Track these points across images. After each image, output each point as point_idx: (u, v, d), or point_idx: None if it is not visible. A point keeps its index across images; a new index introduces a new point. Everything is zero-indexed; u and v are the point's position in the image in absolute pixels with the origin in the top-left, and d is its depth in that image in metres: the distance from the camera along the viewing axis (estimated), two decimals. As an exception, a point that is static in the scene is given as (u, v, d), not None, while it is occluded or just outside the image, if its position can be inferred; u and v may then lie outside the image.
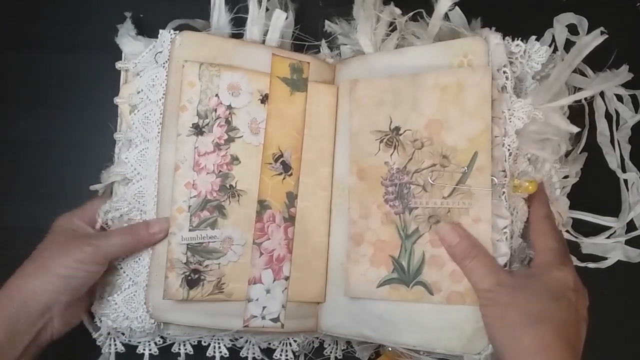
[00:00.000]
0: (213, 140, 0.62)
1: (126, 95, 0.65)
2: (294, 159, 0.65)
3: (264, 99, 0.64)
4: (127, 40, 0.66)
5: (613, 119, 0.75)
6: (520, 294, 0.52)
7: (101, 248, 0.59)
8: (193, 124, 0.62)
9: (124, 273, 0.63)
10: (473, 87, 0.57)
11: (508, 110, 0.57)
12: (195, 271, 0.62)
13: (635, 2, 0.77)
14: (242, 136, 0.63)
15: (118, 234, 0.61)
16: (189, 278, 0.62)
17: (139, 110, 0.63)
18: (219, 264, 0.62)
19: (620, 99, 0.74)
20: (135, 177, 0.63)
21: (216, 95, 0.62)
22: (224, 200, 0.63)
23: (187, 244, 0.62)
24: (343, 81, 0.66)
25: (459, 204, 0.57)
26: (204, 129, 0.62)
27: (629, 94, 0.74)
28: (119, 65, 0.66)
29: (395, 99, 0.61)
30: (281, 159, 0.65)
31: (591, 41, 0.58)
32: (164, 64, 0.63)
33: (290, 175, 0.65)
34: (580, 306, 0.53)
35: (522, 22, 0.65)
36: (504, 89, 0.57)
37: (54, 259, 0.58)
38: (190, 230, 0.62)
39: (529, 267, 0.57)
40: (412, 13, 0.65)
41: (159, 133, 0.62)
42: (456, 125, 0.58)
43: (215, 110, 0.62)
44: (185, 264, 0.61)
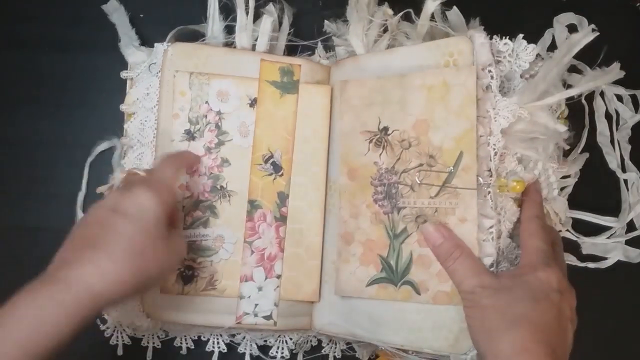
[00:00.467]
0: (204, 145, 0.64)
1: (131, 102, 0.66)
2: (285, 159, 0.64)
3: (253, 103, 0.64)
4: (132, 51, 0.67)
5: (613, 119, 0.73)
6: (501, 296, 0.49)
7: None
8: (185, 130, 0.64)
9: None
10: (458, 87, 0.55)
11: (493, 109, 0.55)
12: (189, 268, 0.63)
13: (635, 2, 0.74)
14: (232, 139, 0.64)
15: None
16: (184, 274, 0.62)
17: (135, 118, 0.65)
18: (211, 261, 0.63)
19: (620, 99, 0.72)
20: None
21: (206, 102, 0.64)
22: (216, 201, 0.63)
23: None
24: (335, 82, 0.65)
25: (445, 203, 0.55)
26: (195, 135, 0.64)
27: (629, 94, 0.72)
28: (124, 75, 0.68)
29: (384, 99, 0.60)
30: (271, 160, 0.64)
31: (581, 39, 0.55)
32: (157, 73, 0.64)
33: (281, 175, 0.64)
34: (565, 307, 0.50)
35: (522, 22, 0.63)
36: (489, 88, 0.55)
37: (157, 262, 0.50)
38: (184, 228, 0.62)
39: (515, 268, 0.54)
40: (401, 14, 0.63)
41: (154, 138, 0.64)
42: (442, 125, 0.56)
43: (206, 116, 0.64)
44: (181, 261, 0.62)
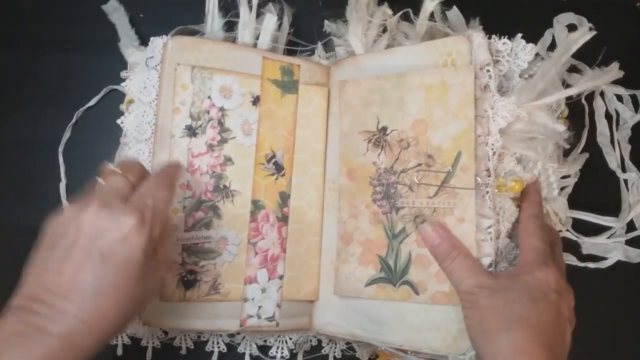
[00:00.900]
0: (206, 142, 0.61)
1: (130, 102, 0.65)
2: (286, 159, 0.63)
3: (256, 101, 0.62)
4: (131, 50, 0.66)
5: (613, 119, 0.72)
6: (499, 297, 0.48)
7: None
8: (186, 126, 0.61)
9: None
10: (456, 87, 0.54)
11: (491, 109, 0.53)
12: (192, 272, 0.60)
13: (635, 2, 0.73)
14: (235, 137, 0.62)
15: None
16: (185, 279, 0.60)
17: (130, 113, 0.63)
18: (215, 264, 0.60)
19: (620, 99, 0.71)
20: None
21: (208, 97, 0.61)
22: (218, 201, 0.61)
23: (183, 245, 0.60)
24: (334, 82, 0.64)
25: (443, 203, 0.54)
26: (197, 131, 0.61)
27: (629, 94, 0.71)
28: (124, 74, 0.66)
29: (383, 99, 0.59)
30: (273, 160, 0.63)
31: (579, 38, 0.54)
32: (155, 66, 0.62)
33: (283, 175, 0.63)
34: (564, 307, 0.49)
35: (522, 22, 0.62)
36: (487, 88, 0.54)
37: (141, 301, 0.47)
38: (185, 231, 0.60)
39: (513, 268, 0.53)
40: (400, 13, 0.62)
41: (152, 134, 0.61)
42: (441, 125, 0.55)
43: (208, 112, 0.61)
44: (181, 264, 0.59)
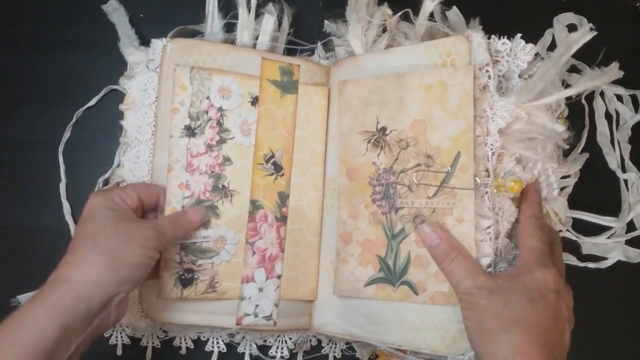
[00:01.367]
0: (205, 142, 0.61)
1: (130, 102, 0.65)
2: (285, 159, 0.63)
3: (255, 101, 0.62)
4: (131, 50, 0.66)
5: (613, 119, 0.72)
6: (498, 297, 0.48)
7: (162, 233, 0.54)
8: (185, 126, 0.60)
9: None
10: (456, 87, 0.53)
11: (490, 109, 0.53)
12: (189, 270, 0.60)
13: (635, 2, 0.72)
14: (234, 137, 0.62)
15: (166, 221, 0.57)
16: (183, 277, 0.60)
17: (132, 113, 0.63)
18: (212, 263, 0.60)
19: (620, 99, 0.71)
20: (131, 180, 0.62)
21: (207, 97, 0.61)
22: (217, 201, 0.61)
23: (181, 244, 0.60)
24: (334, 82, 0.64)
25: (443, 204, 0.54)
26: (196, 131, 0.61)
27: (629, 94, 0.71)
28: (126, 74, 0.66)
29: (382, 99, 0.58)
30: (272, 160, 0.62)
31: (579, 38, 0.54)
32: (155, 69, 0.62)
33: (282, 175, 0.63)
34: (562, 307, 0.49)
35: (522, 22, 0.61)
36: (486, 88, 0.53)
37: (118, 246, 0.50)
38: None
39: (512, 268, 0.53)
40: (400, 13, 0.62)
41: (152, 135, 0.62)
42: (440, 125, 0.54)
43: (207, 112, 0.61)
44: (179, 263, 0.60)
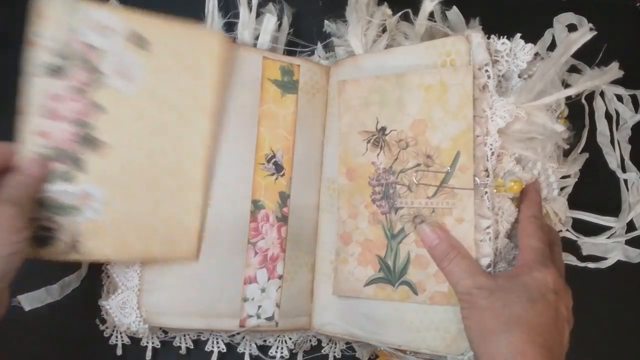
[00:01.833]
0: (71, 84, 0.51)
1: None
2: (286, 159, 0.63)
3: (137, 41, 0.53)
4: None
5: (613, 119, 0.72)
6: (497, 297, 0.48)
7: (22, 205, 0.47)
8: (46, 64, 0.51)
9: (116, 278, 0.60)
10: (455, 87, 0.53)
11: (490, 109, 0.53)
12: (44, 228, 0.51)
13: (636, 2, 0.72)
14: (108, 82, 0.53)
15: (16, 189, 0.49)
16: (38, 235, 0.51)
17: None
18: (74, 221, 0.52)
19: (620, 99, 0.71)
20: None
21: (76, 31, 0.51)
22: (83, 152, 0.52)
23: (36, 198, 0.51)
24: (334, 82, 0.64)
25: (442, 204, 0.54)
26: (59, 71, 0.51)
27: (629, 94, 0.71)
28: None
29: (382, 99, 0.58)
30: (273, 160, 0.62)
31: (579, 38, 0.54)
32: None
33: (283, 175, 0.62)
34: (562, 307, 0.48)
35: (522, 22, 0.61)
36: (485, 88, 0.53)
37: None
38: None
39: (512, 268, 0.53)
40: (400, 14, 0.62)
41: None
42: (439, 125, 0.54)
43: (76, 49, 0.51)
44: (33, 219, 0.51)
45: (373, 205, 0.58)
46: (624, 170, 0.70)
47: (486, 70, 0.53)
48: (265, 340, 0.66)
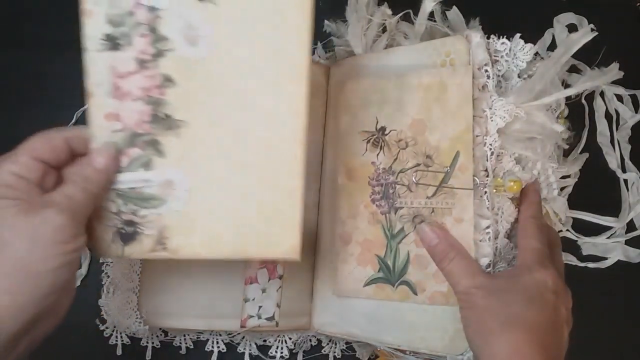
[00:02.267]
0: (135, 56, 0.45)
1: None
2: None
3: None
4: None
5: (613, 119, 0.72)
6: (496, 297, 0.48)
7: (75, 210, 0.42)
8: (105, 35, 0.44)
9: (116, 279, 0.60)
10: (455, 87, 0.53)
11: (489, 109, 0.53)
12: (130, 223, 0.47)
13: (635, 2, 0.72)
14: (174, 49, 0.45)
15: (74, 188, 0.43)
16: (123, 232, 0.47)
17: None
18: (160, 213, 0.47)
19: (620, 99, 0.71)
20: None
21: None
22: (159, 134, 0.46)
23: (117, 190, 0.46)
24: (334, 82, 0.63)
25: (442, 204, 0.54)
26: (120, 41, 0.45)
27: (629, 94, 0.71)
28: None
29: (381, 99, 0.58)
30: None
31: (579, 38, 0.54)
32: None
33: None
34: (561, 308, 0.48)
35: (522, 22, 0.61)
36: (485, 88, 0.53)
37: (25, 254, 0.39)
38: (118, 172, 0.46)
39: (511, 268, 0.53)
40: (400, 14, 0.62)
41: None
42: (439, 125, 0.54)
43: (134, 13, 0.45)
44: (116, 214, 0.46)
45: (373, 205, 0.58)
46: (624, 170, 0.70)
47: (486, 70, 0.53)
48: (265, 340, 0.66)
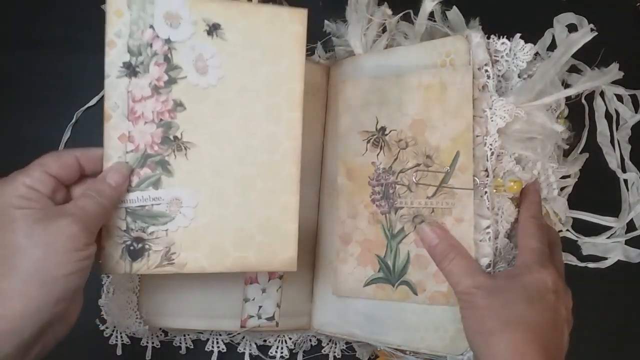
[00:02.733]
0: (150, 83, 0.50)
1: None
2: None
3: (212, 30, 0.50)
4: None
5: (613, 119, 0.72)
6: (496, 297, 0.48)
7: (89, 221, 0.45)
8: (124, 63, 0.49)
9: (116, 279, 0.60)
10: (455, 87, 0.53)
11: (489, 109, 0.53)
12: (139, 240, 0.50)
13: (635, 2, 0.72)
14: (186, 77, 0.50)
15: (88, 201, 0.46)
16: (131, 248, 0.50)
17: None
18: (167, 230, 0.50)
19: (620, 99, 0.71)
20: None
21: (150, 26, 0.49)
22: (168, 155, 0.50)
23: (126, 208, 0.50)
24: (334, 82, 0.63)
25: (442, 204, 0.54)
26: (137, 69, 0.49)
27: (629, 94, 0.71)
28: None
29: (381, 99, 0.58)
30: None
31: (579, 38, 0.54)
32: None
33: None
34: (561, 308, 0.48)
35: (522, 22, 0.61)
36: (485, 88, 0.53)
37: (40, 262, 0.41)
38: (128, 191, 0.50)
39: (511, 268, 0.53)
40: (401, 14, 0.61)
41: None
42: (439, 125, 0.54)
43: (151, 45, 0.49)
44: (125, 231, 0.50)
45: (373, 205, 0.58)
46: (624, 170, 0.70)
47: (486, 70, 0.53)
48: (265, 340, 0.66)
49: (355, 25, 0.62)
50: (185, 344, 0.66)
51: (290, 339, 0.66)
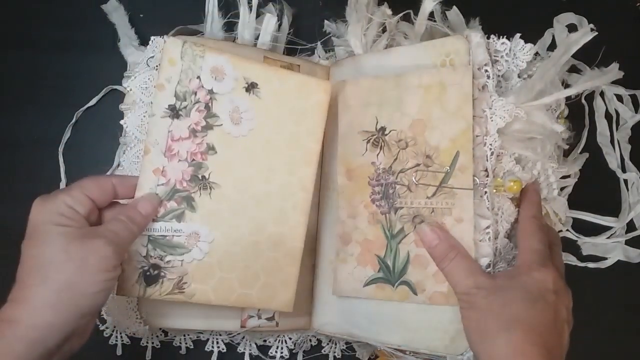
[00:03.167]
0: (189, 126, 0.54)
1: (130, 102, 0.62)
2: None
3: (249, 88, 0.56)
4: (131, 50, 0.66)
5: (613, 119, 0.71)
6: (496, 297, 0.48)
7: (120, 245, 0.48)
8: (169, 106, 0.54)
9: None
10: (455, 87, 0.53)
11: (489, 109, 0.53)
12: (155, 267, 0.54)
13: (635, 2, 0.72)
14: (222, 125, 0.55)
15: (121, 226, 0.50)
16: (148, 274, 0.53)
17: (132, 112, 0.60)
18: (182, 260, 0.54)
19: (620, 99, 0.71)
20: None
21: (198, 77, 0.54)
22: (194, 192, 0.55)
23: (149, 236, 0.53)
24: (334, 82, 0.63)
25: (442, 204, 0.54)
26: (180, 112, 0.54)
27: (629, 94, 0.71)
28: (126, 74, 0.65)
29: (381, 99, 0.58)
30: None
31: (579, 38, 0.54)
32: (155, 67, 0.59)
33: None
34: (561, 308, 0.48)
35: (522, 22, 0.61)
36: (485, 88, 0.53)
37: (73, 277, 0.44)
38: (154, 220, 0.54)
39: (511, 268, 0.53)
40: (401, 14, 0.61)
41: None
42: (439, 125, 0.54)
43: (195, 93, 0.55)
44: (144, 257, 0.53)
45: (373, 205, 0.58)
46: (624, 170, 0.70)
47: (485, 70, 0.53)
48: (265, 340, 0.66)
49: (355, 25, 0.62)
50: (185, 344, 0.66)
51: (290, 339, 0.66)
